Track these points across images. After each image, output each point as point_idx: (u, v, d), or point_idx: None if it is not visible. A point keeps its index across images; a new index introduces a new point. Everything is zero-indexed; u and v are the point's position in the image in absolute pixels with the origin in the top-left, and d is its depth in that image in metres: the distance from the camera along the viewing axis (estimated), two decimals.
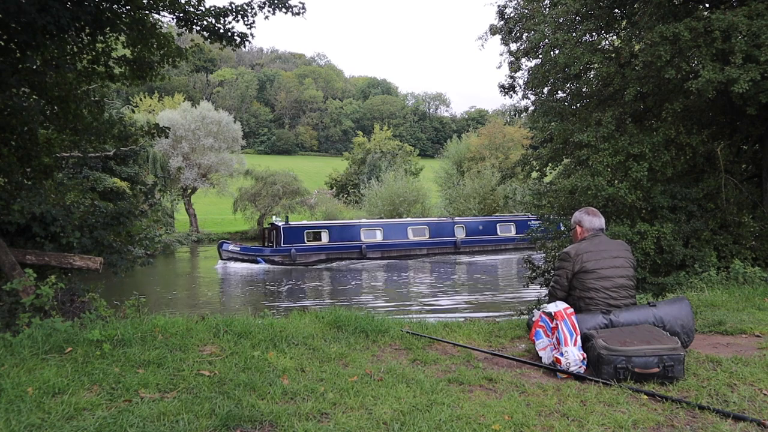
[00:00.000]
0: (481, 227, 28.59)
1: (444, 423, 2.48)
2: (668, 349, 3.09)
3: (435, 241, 27.41)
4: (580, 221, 3.96)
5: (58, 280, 4.57)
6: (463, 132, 62.61)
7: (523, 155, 11.61)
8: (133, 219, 7.11)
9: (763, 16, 6.63)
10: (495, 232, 28.79)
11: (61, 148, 7.87)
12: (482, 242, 28.30)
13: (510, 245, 28.58)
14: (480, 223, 28.96)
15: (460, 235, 27.89)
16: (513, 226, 29.11)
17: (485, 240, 28.39)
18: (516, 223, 29.36)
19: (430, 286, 19.95)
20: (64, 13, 5.41)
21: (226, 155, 37.21)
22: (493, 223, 29.15)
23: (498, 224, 29.07)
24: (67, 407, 2.49)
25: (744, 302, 5.14)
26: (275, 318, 4.26)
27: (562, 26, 8.97)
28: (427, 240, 27.29)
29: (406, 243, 26.84)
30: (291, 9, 6.95)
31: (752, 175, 8.95)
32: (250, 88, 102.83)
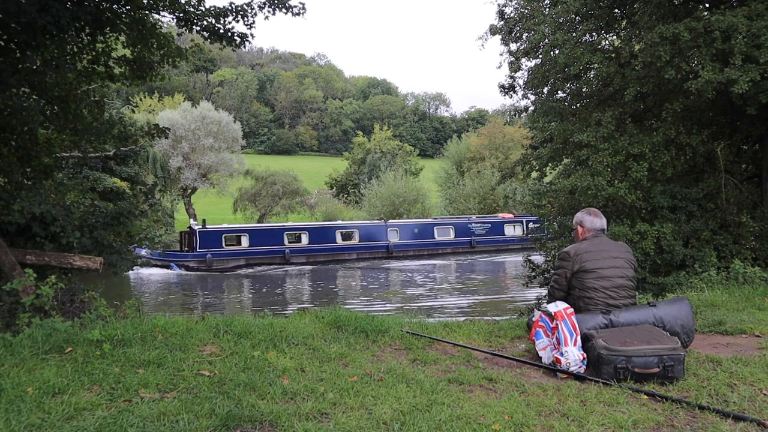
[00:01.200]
0: (416, 230, 27.33)
1: (444, 423, 2.48)
2: (668, 349, 3.09)
3: (366, 245, 26.06)
4: (582, 221, 3.97)
5: (58, 280, 4.58)
6: (463, 132, 62.62)
7: (523, 155, 11.61)
8: (133, 219, 7.10)
9: (763, 16, 6.63)
10: (432, 236, 27.45)
11: (61, 148, 7.87)
12: (418, 246, 26.98)
13: (448, 249, 27.46)
14: (416, 226, 27.71)
15: (394, 239, 26.56)
16: (452, 230, 27.88)
17: (421, 244, 27.06)
18: (455, 226, 28.14)
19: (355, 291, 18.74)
20: (64, 13, 5.41)
21: (226, 155, 37.19)
22: (430, 226, 27.86)
23: (436, 227, 27.80)
24: (67, 407, 2.49)
25: (744, 302, 5.15)
26: (275, 318, 4.26)
27: (562, 26, 8.97)
28: (357, 244, 25.92)
29: (334, 248, 25.53)
30: (291, 9, 6.95)
31: (752, 175, 8.95)
32: (250, 88, 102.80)
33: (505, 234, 28.47)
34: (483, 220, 29.12)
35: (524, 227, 28.39)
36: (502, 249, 27.92)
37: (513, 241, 27.75)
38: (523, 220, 28.79)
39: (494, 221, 28.96)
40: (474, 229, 27.85)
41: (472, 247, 27.40)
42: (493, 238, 28.25)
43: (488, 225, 28.50)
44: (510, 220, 28.97)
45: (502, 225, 28.78)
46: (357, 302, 16.19)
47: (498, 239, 28.23)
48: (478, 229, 28.16)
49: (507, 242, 28.05)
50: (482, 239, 28.00)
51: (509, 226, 28.73)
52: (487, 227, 28.40)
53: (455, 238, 27.44)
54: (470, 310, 14.66)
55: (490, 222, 28.78)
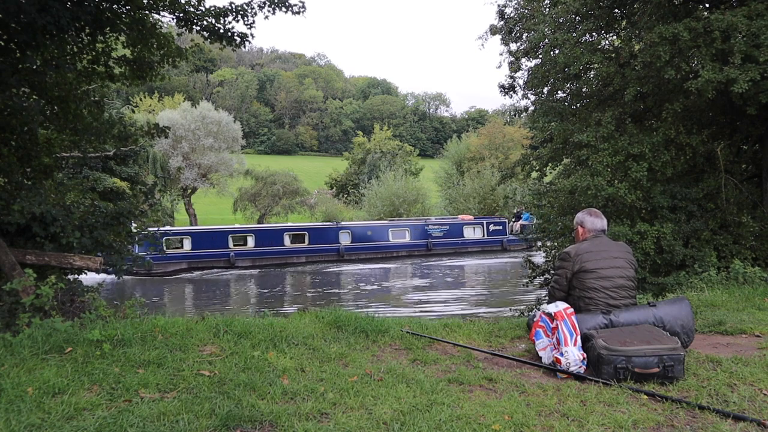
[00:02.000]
0: (370, 233, 26.17)
1: (444, 423, 2.48)
2: (668, 349, 3.09)
3: (315, 248, 24.76)
4: (582, 222, 3.97)
5: (58, 280, 4.58)
6: (463, 132, 62.59)
7: (523, 155, 11.60)
8: (133, 219, 7.10)
9: (763, 16, 6.63)
10: (386, 238, 26.14)
11: (61, 148, 7.87)
12: (371, 249, 25.72)
13: (403, 252, 26.17)
14: (369, 228, 26.42)
15: (345, 242, 25.30)
16: (407, 232, 26.65)
17: (374, 247, 25.81)
18: (411, 228, 26.90)
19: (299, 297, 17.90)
20: (64, 13, 5.41)
21: (226, 155, 37.18)
22: (384, 228, 26.59)
23: (390, 230, 26.52)
24: (67, 407, 2.49)
25: (744, 302, 5.15)
26: (275, 318, 4.26)
27: (562, 26, 8.97)
28: (306, 247, 24.68)
29: (282, 250, 24.34)
30: (291, 8, 6.94)
31: (752, 175, 8.95)
32: (250, 88, 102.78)
33: (465, 236, 27.48)
34: (441, 222, 28.01)
35: (485, 229, 27.66)
36: (461, 252, 27.05)
37: (473, 243, 27.18)
38: (484, 222, 28.04)
39: (452, 223, 27.73)
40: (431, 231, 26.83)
41: (428, 250, 26.44)
42: (452, 240, 27.09)
43: (446, 227, 27.33)
44: (469, 222, 28.03)
45: (461, 227, 27.55)
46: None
47: (457, 242, 27.23)
48: (436, 232, 26.89)
49: (466, 245, 27.32)
50: (439, 242, 26.85)
51: (468, 228, 27.70)
52: (445, 229, 27.19)
53: (411, 240, 26.40)
54: (467, 311, 14.63)
55: (448, 224, 27.66)
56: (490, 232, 27.75)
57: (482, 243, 27.34)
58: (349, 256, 25.01)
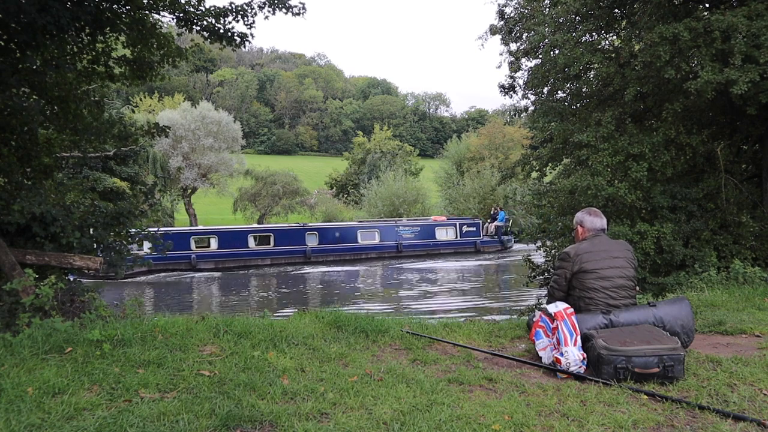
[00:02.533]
0: (337, 234, 25.50)
1: (444, 423, 2.48)
2: (668, 349, 3.09)
3: (281, 250, 24.02)
4: (582, 221, 3.97)
5: (58, 280, 4.57)
6: (463, 132, 62.56)
7: (523, 155, 11.60)
8: (133, 219, 7.10)
9: (763, 16, 6.63)
10: (355, 240, 25.47)
11: (61, 148, 7.87)
12: (339, 251, 25.04)
13: (373, 254, 25.42)
14: (337, 230, 25.75)
15: (312, 244, 24.60)
16: (377, 234, 25.86)
17: (343, 249, 25.14)
18: (380, 229, 26.09)
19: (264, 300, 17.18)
20: (64, 13, 5.41)
21: (226, 155, 37.17)
22: (353, 230, 25.86)
23: (359, 231, 25.77)
24: (67, 407, 2.49)
25: (744, 302, 5.15)
26: (275, 318, 4.26)
27: (562, 26, 8.97)
28: (272, 249, 23.92)
29: (246, 252, 23.60)
30: (291, 9, 6.95)
31: (752, 175, 8.96)
32: (250, 88, 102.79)
33: (437, 238, 26.83)
34: (412, 223, 27.29)
35: (457, 231, 26.99)
36: (433, 254, 26.30)
37: (445, 245, 26.56)
38: (457, 223, 27.34)
39: (424, 224, 27.07)
40: (401, 232, 26.17)
41: (399, 252, 25.65)
42: (423, 242, 26.43)
43: (417, 228, 26.66)
44: (442, 224, 27.23)
45: (433, 228, 26.89)
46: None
47: (428, 243, 26.53)
48: (406, 233, 26.15)
49: (438, 246, 26.63)
50: (410, 243, 26.09)
51: (441, 230, 27.03)
52: (416, 231, 26.51)
53: (380, 242, 25.71)
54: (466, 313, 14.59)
55: (419, 225, 26.99)
56: (463, 233, 27.15)
57: (455, 244, 26.80)
58: (316, 258, 24.32)
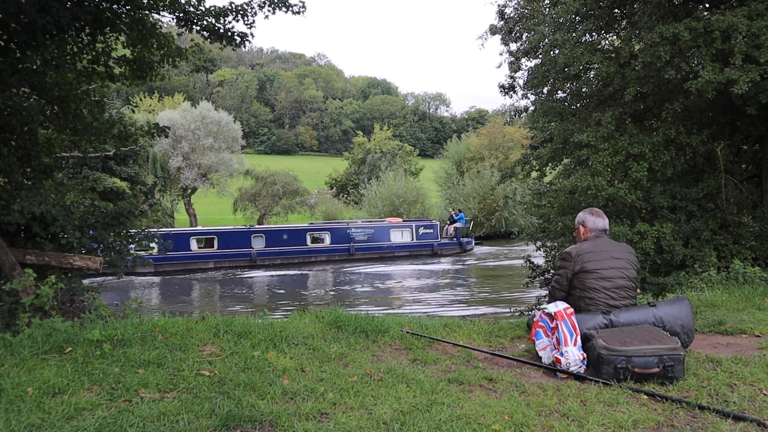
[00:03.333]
0: (285, 237, 24.40)
1: (444, 423, 2.48)
2: (668, 349, 3.09)
3: (225, 253, 23.14)
4: (584, 222, 3.96)
5: (58, 280, 4.58)
6: (463, 132, 62.53)
7: (523, 155, 11.60)
8: (133, 219, 7.11)
9: (763, 16, 6.63)
10: (304, 243, 24.54)
11: (61, 148, 7.87)
12: (286, 254, 24.13)
13: (322, 257, 24.55)
14: (285, 232, 24.78)
15: (258, 246, 23.71)
16: (327, 236, 24.98)
17: (291, 252, 24.22)
18: (331, 231, 25.21)
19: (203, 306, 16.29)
20: (64, 13, 5.41)
21: (226, 155, 37.17)
22: (302, 232, 24.91)
23: (308, 233, 24.84)
24: (67, 407, 2.49)
25: (744, 302, 5.15)
26: (275, 318, 4.26)
27: (562, 26, 8.97)
28: (215, 252, 23.09)
29: (188, 255, 22.73)
30: (291, 8, 6.95)
31: (752, 175, 8.96)
32: (250, 88, 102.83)
33: (391, 240, 25.79)
34: (365, 225, 26.20)
35: (413, 233, 26.14)
36: (387, 257, 25.32)
37: (400, 248, 25.63)
38: (413, 225, 26.44)
39: (378, 226, 26.03)
40: (353, 235, 25.41)
41: (350, 255, 24.76)
42: (377, 244, 25.42)
43: (371, 230, 25.66)
44: (397, 225, 26.28)
45: (388, 231, 25.94)
46: None
47: (382, 246, 25.52)
48: (359, 235, 25.17)
49: (393, 249, 25.64)
50: (363, 246, 25.11)
51: (396, 232, 26.08)
52: (370, 233, 25.50)
53: (331, 244, 24.68)
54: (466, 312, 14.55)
55: (373, 227, 25.93)
56: (419, 235, 26.25)
57: (411, 247, 25.91)
58: (262, 262, 23.39)
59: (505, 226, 33.56)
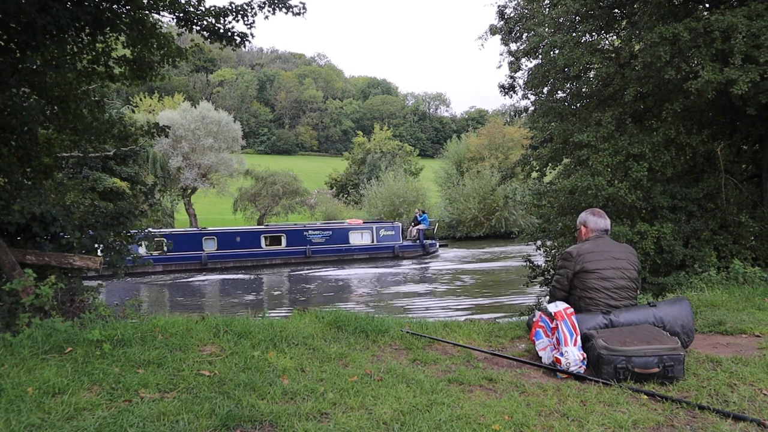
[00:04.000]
0: (238, 239, 23.74)
1: (444, 423, 2.48)
2: (668, 349, 3.09)
3: (174, 256, 22.42)
4: (585, 222, 3.97)
5: (58, 280, 4.57)
6: (463, 132, 62.54)
7: (523, 155, 11.61)
8: (133, 219, 7.10)
9: (763, 16, 6.63)
10: (258, 245, 23.85)
11: (61, 148, 7.86)
12: (239, 257, 23.47)
13: (277, 260, 23.90)
14: (237, 234, 24.12)
15: (210, 249, 23.07)
16: (283, 238, 24.26)
17: (244, 254, 23.55)
18: (287, 234, 24.39)
19: None
20: (64, 13, 5.41)
21: (226, 155, 37.16)
22: (256, 234, 24.23)
23: (263, 236, 24.11)
24: (67, 407, 2.49)
25: (744, 302, 5.15)
26: (275, 318, 4.26)
27: (562, 26, 8.97)
28: (164, 255, 22.28)
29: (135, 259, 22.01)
30: (291, 9, 6.94)
31: (752, 175, 8.96)
32: (250, 88, 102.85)
33: (350, 243, 25.13)
34: (323, 227, 25.55)
35: (374, 235, 25.39)
36: (346, 259, 24.64)
37: (360, 250, 24.97)
38: (373, 227, 25.65)
39: (336, 228, 25.40)
40: (310, 237, 24.52)
41: (307, 258, 24.12)
42: (335, 247, 24.78)
43: (329, 233, 24.97)
44: (357, 227, 25.58)
45: (347, 233, 25.24)
46: None
47: (341, 248, 24.86)
48: (316, 237, 24.49)
49: (352, 252, 24.93)
50: (320, 249, 24.43)
51: (355, 234, 25.37)
52: (328, 235, 24.84)
53: (287, 247, 24.06)
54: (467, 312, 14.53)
55: (331, 229, 25.28)
56: (380, 237, 25.53)
57: (371, 250, 25.22)
58: (214, 265, 22.70)
59: (505, 226, 33.54)
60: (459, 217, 34.60)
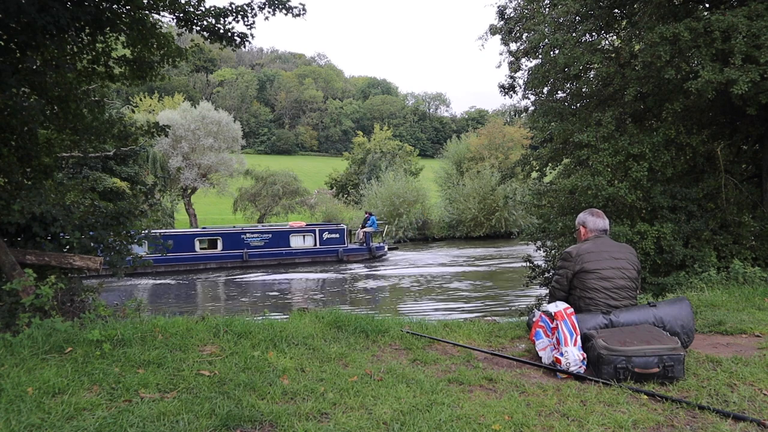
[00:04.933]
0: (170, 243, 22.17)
1: (444, 423, 2.48)
2: (668, 349, 3.09)
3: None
4: (584, 222, 3.97)
5: (58, 280, 4.57)
6: (463, 132, 62.57)
7: (523, 155, 11.62)
8: (133, 219, 7.10)
9: (763, 16, 6.63)
10: (192, 249, 23.01)
11: (61, 148, 7.86)
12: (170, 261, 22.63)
13: (212, 264, 23.07)
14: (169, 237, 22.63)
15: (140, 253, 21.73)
16: (219, 242, 23.36)
17: (175, 258, 22.72)
18: (223, 237, 23.55)
19: None
20: (63, 13, 5.41)
21: (226, 155, 37.16)
22: (189, 237, 23.34)
23: (197, 239, 23.33)
24: (67, 407, 2.49)
25: (744, 302, 5.15)
26: (275, 318, 4.26)
27: (562, 26, 8.97)
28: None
29: None
30: (291, 10, 6.94)
31: (752, 175, 8.96)
32: (250, 88, 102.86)
33: (291, 246, 24.20)
34: (263, 229, 24.62)
35: (317, 238, 24.54)
36: (286, 264, 23.67)
37: (301, 254, 24.14)
38: (316, 230, 24.77)
39: (276, 231, 24.41)
40: (248, 240, 23.55)
41: (244, 262, 23.18)
42: (275, 250, 23.85)
43: (268, 236, 24.00)
44: (298, 230, 24.63)
45: (288, 236, 24.25)
46: None
47: (281, 252, 23.94)
48: (255, 240, 23.50)
49: (293, 255, 24.02)
50: (259, 252, 23.47)
51: (297, 237, 24.45)
52: (267, 238, 23.87)
53: (222, 251, 23.16)
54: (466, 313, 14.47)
55: (271, 232, 24.28)
56: (323, 240, 24.64)
57: (313, 253, 24.35)
58: (144, 270, 21.48)
59: (505, 226, 33.53)
60: (459, 217, 34.59)
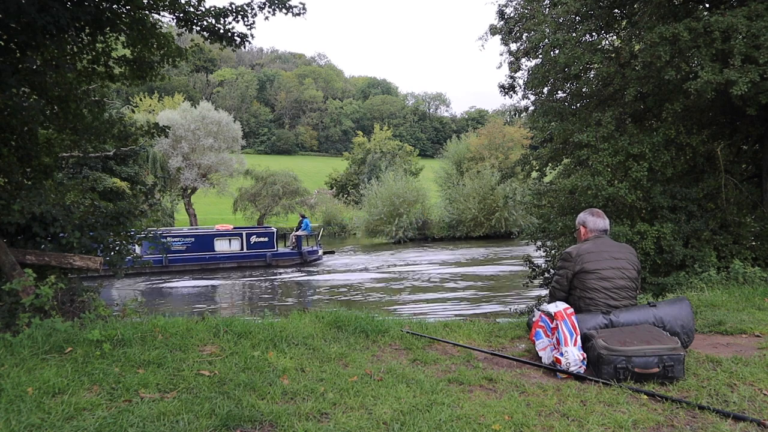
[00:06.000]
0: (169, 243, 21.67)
1: (444, 423, 2.48)
2: (668, 349, 3.09)
3: None
4: (584, 222, 3.97)
5: (58, 280, 4.57)
6: (463, 132, 62.56)
7: (523, 155, 11.61)
8: (133, 219, 7.10)
9: (763, 17, 6.63)
10: None
11: (61, 148, 7.86)
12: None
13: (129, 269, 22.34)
14: None
15: None
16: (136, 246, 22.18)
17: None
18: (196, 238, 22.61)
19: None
20: (63, 13, 5.41)
21: (226, 155, 37.20)
22: None
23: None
24: (67, 407, 2.49)
25: (744, 302, 5.15)
26: (275, 318, 4.26)
27: (562, 26, 8.97)
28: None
29: None
30: (291, 10, 6.93)
31: (752, 175, 8.95)
32: (250, 88, 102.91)
33: (216, 250, 22.93)
34: (186, 232, 23.44)
35: (244, 242, 23.32)
36: (210, 269, 22.45)
37: (226, 258, 22.93)
38: (243, 233, 23.47)
39: (199, 235, 23.12)
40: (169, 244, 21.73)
41: (164, 267, 21.92)
42: (197, 255, 22.52)
43: (191, 239, 22.66)
44: (224, 234, 23.38)
45: (212, 239, 22.95)
46: None
47: (204, 257, 22.64)
48: (175, 244, 22.11)
49: (217, 260, 22.78)
50: (180, 257, 22.13)
51: (222, 241, 23.18)
52: (189, 242, 22.52)
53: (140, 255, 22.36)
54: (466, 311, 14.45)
55: (193, 236, 22.98)
56: (251, 245, 23.40)
57: (239, 258, 23.11)
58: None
59: (505, 226, 33.52)
60: (459, 217, 34.59)
